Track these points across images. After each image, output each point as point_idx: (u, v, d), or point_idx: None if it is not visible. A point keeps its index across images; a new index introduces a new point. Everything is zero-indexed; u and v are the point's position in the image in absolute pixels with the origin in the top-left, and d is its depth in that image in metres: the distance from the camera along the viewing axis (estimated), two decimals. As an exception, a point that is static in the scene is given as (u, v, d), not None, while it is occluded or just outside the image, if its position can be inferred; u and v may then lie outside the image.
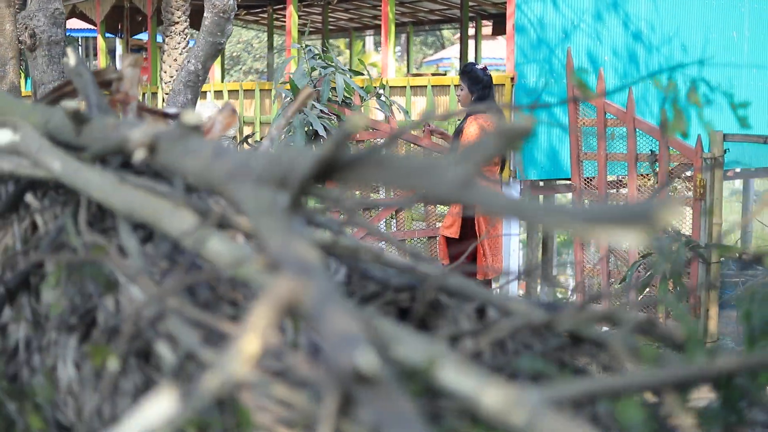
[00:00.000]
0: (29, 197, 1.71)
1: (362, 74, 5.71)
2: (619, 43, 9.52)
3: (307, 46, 5.62)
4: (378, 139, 6.05)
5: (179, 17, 8.62)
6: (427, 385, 0.88)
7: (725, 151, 4.89)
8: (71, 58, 2.22)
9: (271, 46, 20.61)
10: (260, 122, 10.80)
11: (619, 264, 5.88)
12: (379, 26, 23.49)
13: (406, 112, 5.74)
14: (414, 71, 24.32)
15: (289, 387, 0.91)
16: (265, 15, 19.33)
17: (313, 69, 5.35)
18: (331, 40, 21.93)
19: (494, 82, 8.06)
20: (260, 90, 11.00)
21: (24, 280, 1.54)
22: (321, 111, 5.15)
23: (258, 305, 0.90)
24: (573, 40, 9.06)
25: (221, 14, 5.51)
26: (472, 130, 5.28)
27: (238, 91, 11.54)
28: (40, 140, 1.59)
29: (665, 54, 9.87)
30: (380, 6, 19.45)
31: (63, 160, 1.50)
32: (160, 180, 1.54)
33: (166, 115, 2.21)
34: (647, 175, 5.41)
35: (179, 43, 8.70)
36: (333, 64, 5.40)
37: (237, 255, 1.06)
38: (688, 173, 5.04)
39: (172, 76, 8.39)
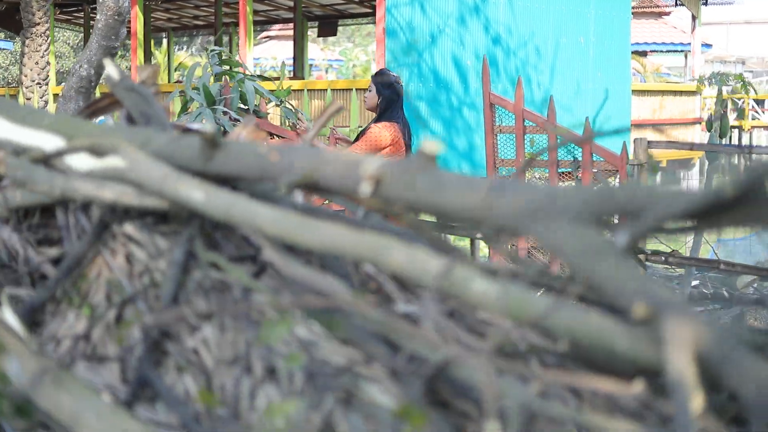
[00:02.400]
0: (128, 228, 1.57)
1: (270, 79, 5.56)
2: (481, 47, 9.72)
3: (212, 50, 5.41)
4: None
5: (40, 18, 8.14)
6: None
7: (650, 157, 5.06)
8: (112, 72, 2.06)
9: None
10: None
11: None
12: (199, 27, 23.09)
13: (309, 120, 5.63)
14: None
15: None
16: (81, 14, 18.52)
17: (222, 74, 5.16)
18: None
19: (362, 87, 8.08)
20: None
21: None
22: (230, 118, 4.97)
23: (673, 356, 0.84)
24: (439, 45, 9.19)
25: (116, 17, 5.23)
26: (378, 132, 5.25)
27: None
28: (161, 167, 1.45)
29: (521, 57, 10.15)
30: (203, 6, 19.16)
31: (207, 191, 1.37)
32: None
33: (186, 130, 2.08)
34: (569, 173, 5.50)
35: (41, 45, 8.23)
36: (240, 69, 5.23)
37: (541, 304, 1.00)
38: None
39: (33, 80, 7.93)
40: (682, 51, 27.41)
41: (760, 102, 28.67)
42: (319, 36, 25.06)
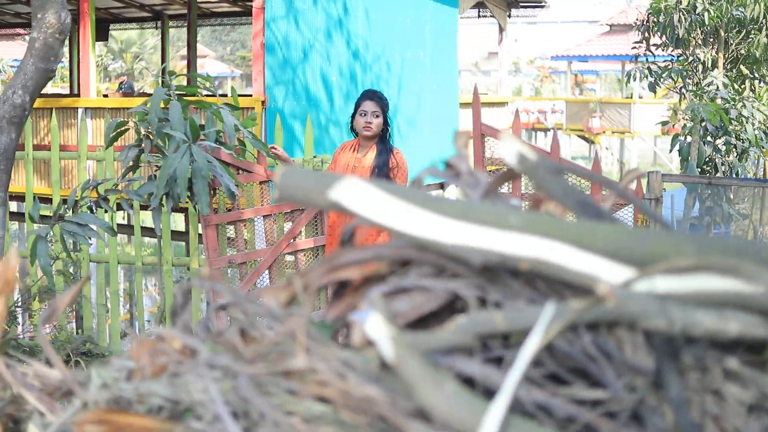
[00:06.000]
0: (731, 363, 1.27)
1: (237, 108, 4.96)
2: (344, 62, 9.39)
3: (176, 74, 4.75)
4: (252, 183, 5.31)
5: None
6: None
7: (663, 191, 4.95)
8: (524, 150, 1.67)
9: None
10: None
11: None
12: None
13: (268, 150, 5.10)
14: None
15: None
16: None
17: (195, 103, 4.52)
18: None
19: (242, 106, 7.55)
20: None
21: None
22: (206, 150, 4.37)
23: None
24: (310, 61, 8.77)
25: (57, 35, 4.48)
26: (405, 161, 4.76)
27: None
28: None
29: (376, 72, 9.94)
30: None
31: None
32: None
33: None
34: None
35: None
36: (214, 97, 4.63)
37: None
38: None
39: None
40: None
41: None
42: (96, 40, 23.88)
